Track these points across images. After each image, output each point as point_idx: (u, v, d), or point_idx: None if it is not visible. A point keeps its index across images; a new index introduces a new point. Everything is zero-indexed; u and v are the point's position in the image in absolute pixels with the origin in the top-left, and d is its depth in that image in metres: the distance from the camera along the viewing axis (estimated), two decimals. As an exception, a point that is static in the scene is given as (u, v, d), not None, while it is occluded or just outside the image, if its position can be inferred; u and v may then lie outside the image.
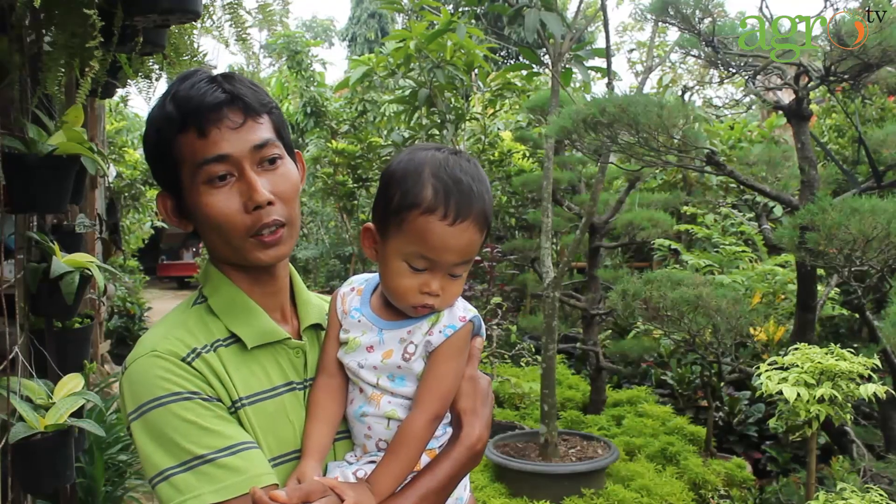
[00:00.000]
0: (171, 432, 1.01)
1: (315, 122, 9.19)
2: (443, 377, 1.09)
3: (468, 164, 1.10)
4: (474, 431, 1.11)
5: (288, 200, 1.12)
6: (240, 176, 1.09)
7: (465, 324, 1.11)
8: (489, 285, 6.44)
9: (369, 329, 1.13)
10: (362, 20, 24.66)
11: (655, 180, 7.52)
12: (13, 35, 2.27)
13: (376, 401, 1.11)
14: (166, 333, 1.10)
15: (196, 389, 1.05)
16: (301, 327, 1.21)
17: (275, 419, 1.10)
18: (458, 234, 1.06)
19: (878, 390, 2.68)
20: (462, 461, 1.09)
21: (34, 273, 2.48)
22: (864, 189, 3.34)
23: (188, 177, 1.10)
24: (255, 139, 1.10)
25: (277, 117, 1.16)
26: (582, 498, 3.74)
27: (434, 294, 1.08)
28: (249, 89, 1.12)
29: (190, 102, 1.08)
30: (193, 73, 1.13)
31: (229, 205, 1.09)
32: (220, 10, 2.63)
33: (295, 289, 1.25)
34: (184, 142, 1.09)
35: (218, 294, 1.16)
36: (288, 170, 1.14)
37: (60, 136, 2.36)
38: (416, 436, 1.07)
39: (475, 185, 1.08)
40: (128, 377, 1.07)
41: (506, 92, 5.51)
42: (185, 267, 16.41)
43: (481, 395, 1.14)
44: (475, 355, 1.16)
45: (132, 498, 3.63)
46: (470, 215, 1.06)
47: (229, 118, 1.09)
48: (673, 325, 3.55)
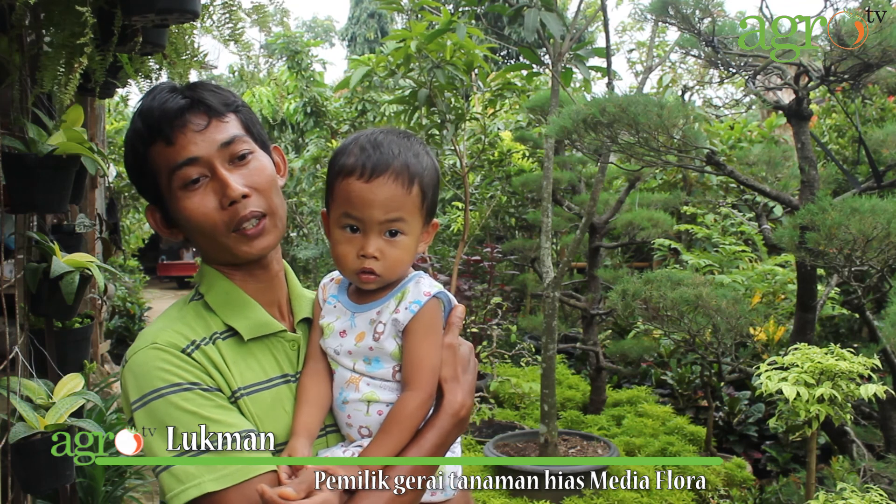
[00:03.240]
0: (172, 423, 1.04)
1: (315, 122, 9.18)
2: (424, 355, 1.12)
3: (398, 135, 1.16)
4: (456, 398, 1.13)
5: (264, 192, 1.15)
6: (212, 175, 1.12)
7: (429, 298, 1.13)
8: (489, 285, 6.44)
9: (342, 314, 1.18)
10: (362, 20, 24.66)
11: (655, 180, 7.52)
12: (13, 35, 2.27)
13: (355, 384, 1.14)
14: (165, 327, 1.13)
15: (196, 380, 1.07)
16: (295, 321, 1.24)
17: (272, 409, 1.13)
18: (376, 188, 1.10)
19: (878, 390, 2.68)
20: (447, 429, 1.11)
21: (34, 273, 2.48)
22: (864, 189, 3.34)
23: (165, 186, 1.14)
24: (221, 138, 1.13)
25: (245, 115, 1.19)
26: (582, 498, 3.75)
27: (370, 256, 1.11)
28: (211, 93, 1.16)
29: (153, 114, 1.12)
30: (156, 87, 1.18)
31: (206, 204, 1.12)
32: (220, 9, 2.63)
33: (289, 283, 1.27)
34: (155, 152, 1.13)
35: (213, 290, 1.19)
36: (261, 163, 1.17)
37: (60, 136, 2.36)
38: (409, 415, 1.09)
39: (397, 147, 1.13)
40: (129, 369, 1.10)
41: (506, 92, 5.50)
42: (185, 267, 16.41)
43: (462, 363, 1.16)
44: (454, 324, 1.18)
45: (132, 498, 3.63)
46: (386, 171, 1.11)
47: (193, 122, 1.12)
48: (673, 325, 3.55)
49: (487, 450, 4.16)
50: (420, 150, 1.17)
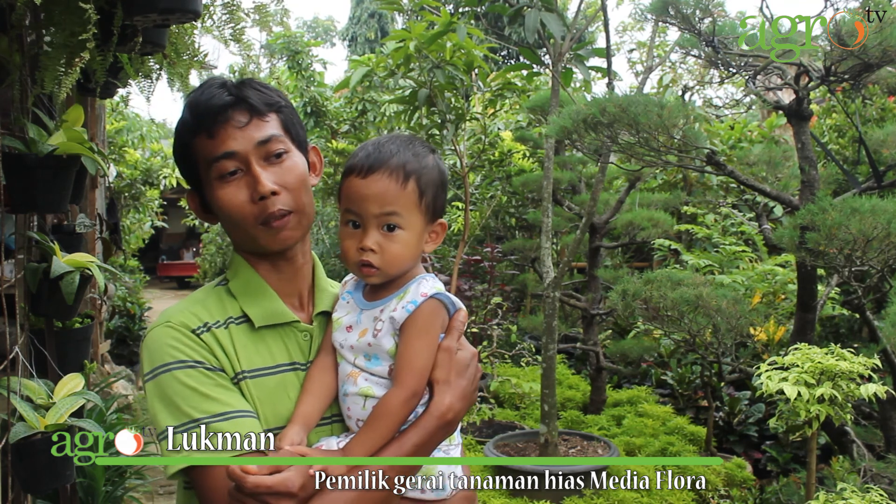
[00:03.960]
0: (174, 396, 1.12)
1: (315, 121, 9.18)
2: (415, 354, 1.14)
3: (403, 139, 1.22)
4: (444, 401, 1.14)
5: (294, 190, 1.21)
6: (247, 170, 1.20)
7: (425, 299, 1.17)
8: (489, 285, 6.44)
9: (353, 310, 1.22)
10: (362, 20, 24.66)
11: (655, 180, 7.52)
12: (13, 35, 2.27)
13: (354, 378, 1.17)
14: (184, 308, 1.21)
15: (200, 359, 1.15)
16: (314, 313, 1.29)
17: (274, 394, 1.18)
18: (370, 183, 1.16)
19: (878, 390, 2.68)
20: (430, 430, 1.13)
21: (34, 273, 2.48)
22: (864, 189, 3.34)
23: (205, 174, 1.22)
24: (259, 136, 1.20)
25: (287, 115, 1.26)
26: (582, 498, 3.74)
27: (368, 248, 1.16)
28: (256, 91, 1.23)
29: (200, 107, 1.20)
30: (208, 81, 1.26)
31: (238, 196, 1.19)
32: (221, 9, 2.63)
33: (315, 277, 1.33)
34: (198, 143, 1.21)
35: (237, 277, 1.27)
36: (294, 162, 1.24)
37: (61, 136, 2.36)
38: (391, 411, 1.11)
39: (396, 148, 1.19)
40: (146, 343, 1.19)
41: (506, 92, 5.49)
42: (185, 267, 16.42)
43: (456, 367, 1.18)
44: (455, 328, 1.21)
45: (132, 498, 3.63)
46: (380, 168, 1.17)
47: (235, 119, 1.19)
48: (673, 325, 3.55)
49: (487, 450, 4.16)
50: (422, 150, 1.22)
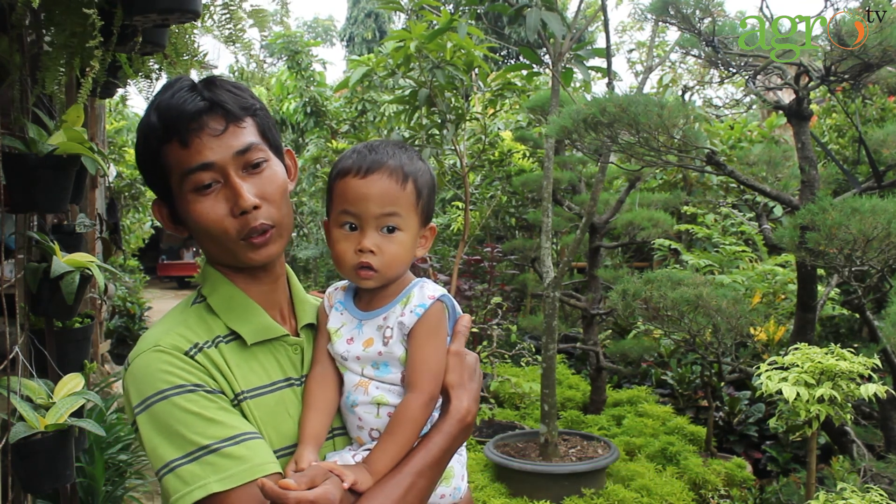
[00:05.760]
0: (176, 424, 1.03)
1: (315, 121, 9.18)
2: (428, 358, 1.13)
3: (393, 143, 1.19)
4: (462, 404, 1.13)
5: (274, 202, 1.15)
6: (225, 182, 1.11)
7: (433, 301, 1.15)
8: (489, 285, 6.45)
9: (349, 321, 1.19)
10: (359, 20, 24.65)
11: (655, 180, 7.52)
12: (13, 35, 2.27)
13: (364, 387, 1.15)
14: (168, 330, 1.12)
15: (199, 382, 1.07)
16: (298, 326, 1.24)
17: (275, 413, 1.13)
18: (370, 183, 1.13)
19: (878, 390, 2.68)
20: (453, 434, 1.12)
21: (34, 273, 2.48)
22: (864, 189, 3.34)
23: (177, 185, 1.13)
24: (237, 145, 1.12)
25: (262, 118, 1.18)
26: (582, 498, 3.74)
27: (367, 250, 1.13)
28: (230, 94, 1.14)
29: (171, 112, 1.10)
30: (175, 82, 1.15)
31: (217, 210, 1.11)
32: (221, 9, 2.63)
33: (292, 288, 1.28)
34: (169, 152, 1.11)
35: (217, 293, 1.18)
36: (274, 172, 1.17)
37: (61, 136, 2.35)
38: (412, 417, 1.10)
39: (392, 150, 1.16)
40: (131, 373, 1.09)
41: (506, 92, 5.50)
42: (185, 267, 16.42)
43: (468, 370, 1.17)
44: (461, 332, 1.19)
45: (132, 498, 3.63)
46: (380, 168, 1.13)
47: (210, 126, 1.10)
48: (673, 325, 3.55)
49: (488, 450, 4.16)
50: (414, 156, 1.19)
